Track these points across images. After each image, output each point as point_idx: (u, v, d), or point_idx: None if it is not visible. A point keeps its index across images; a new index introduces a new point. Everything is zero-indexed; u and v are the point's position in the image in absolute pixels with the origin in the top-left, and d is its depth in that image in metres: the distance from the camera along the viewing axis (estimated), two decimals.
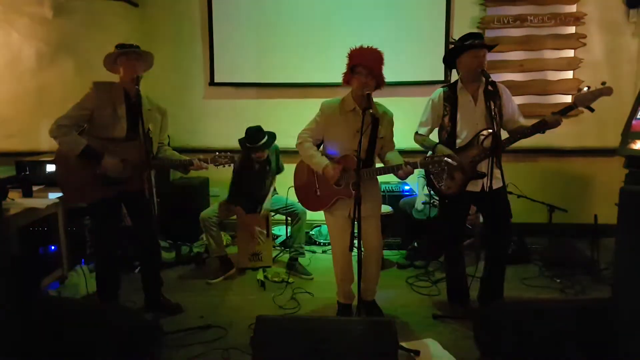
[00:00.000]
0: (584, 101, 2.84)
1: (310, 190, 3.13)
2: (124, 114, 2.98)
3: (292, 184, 3.28)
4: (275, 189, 4.33)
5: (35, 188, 3.70)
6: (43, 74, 4.71)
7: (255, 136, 3.98)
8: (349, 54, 2.91)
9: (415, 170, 2.83)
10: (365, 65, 2.84)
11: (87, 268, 3.71)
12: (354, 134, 2.88)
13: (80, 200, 3.07)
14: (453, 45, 3.09)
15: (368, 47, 2.89)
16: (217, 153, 3.11)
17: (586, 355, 1.90)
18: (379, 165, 3.05)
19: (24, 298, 2.15)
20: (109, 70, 3.06)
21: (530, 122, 3.04)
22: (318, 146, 3.12)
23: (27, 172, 3.85)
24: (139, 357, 2.00)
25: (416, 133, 3.26)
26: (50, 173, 3.88)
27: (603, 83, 2.82)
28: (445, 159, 2.67)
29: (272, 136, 4.10)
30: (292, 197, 3.64)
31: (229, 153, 3.12)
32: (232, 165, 3.13)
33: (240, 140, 4.07)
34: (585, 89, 2.87)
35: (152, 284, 3.31)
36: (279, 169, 4.32)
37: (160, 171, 4.67)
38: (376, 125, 2.95)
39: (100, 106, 2.93)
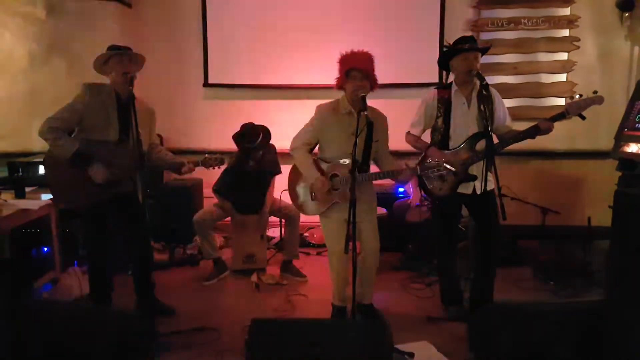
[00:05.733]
0: (576, 109, 2.89)
1: (306, 193, 3.13)
2: (116, 117, 2.93)
3: (287, 187, 3.27)
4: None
5: (28, 189, 3.68)
6: (35, 74, 4.68)
7: (251, 134, 3.95)
8: (341, 59, 2.93)
9: None
10: (360, 69, 2.86)
11: (80, 270, 3.68)
12: (349, 136, 2.88)
13: (75, 204, 3.02)
14: (446, 49, 3.10)
15: (358, 50, 2.91)
16: (206, 155, 3.14)
17: (579, 358, 1.91)
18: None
19: (16, 300, 2.13)
20: (98, 71, 2.98)
21: (520, 125, 3.05)
22: (312, 149, 3.13)
23: (20, 173, 3.82)
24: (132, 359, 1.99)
25: (408, 133, 3.25)
26: (43, 174, 3.85)
27: (595, 92, 2.85)
28: (445, 164, 2.70)
29: (267, 133, 4.08)
30: (286, 199, 3.63)
31: (218, 155, 3.15)
32: (220, 166, 3.18)
33: (235, 138, 4.04)
34: (577, 96, 2.91)
35: (145, 286, 3.28)
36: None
37: (154, 173, 4.64)
38: (371, 128, 2.95)
39: (92, 109, 2.87)
